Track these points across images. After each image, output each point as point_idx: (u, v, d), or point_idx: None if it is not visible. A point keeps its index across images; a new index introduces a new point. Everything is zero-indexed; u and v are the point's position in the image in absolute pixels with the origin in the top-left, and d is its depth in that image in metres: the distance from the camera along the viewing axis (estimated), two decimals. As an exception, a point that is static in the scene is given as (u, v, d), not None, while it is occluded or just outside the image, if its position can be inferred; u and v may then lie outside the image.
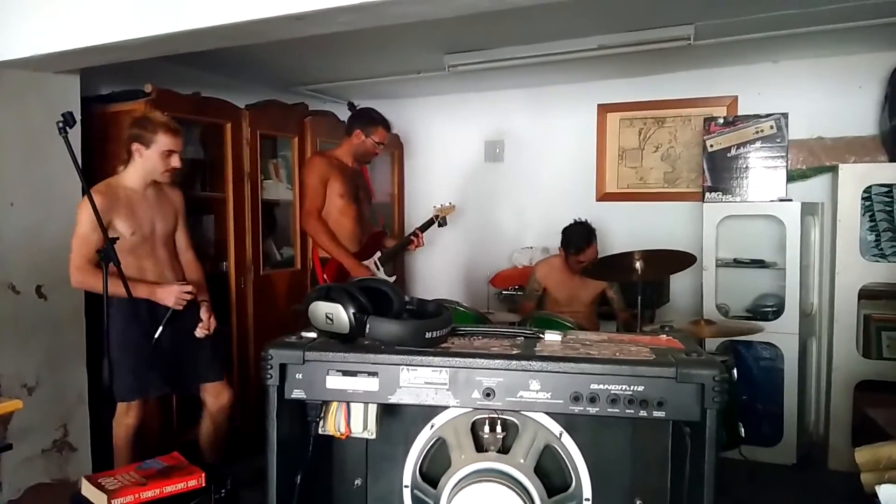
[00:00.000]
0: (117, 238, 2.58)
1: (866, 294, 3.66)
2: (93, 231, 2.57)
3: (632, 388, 1.29)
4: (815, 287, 3.94)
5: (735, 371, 3.19)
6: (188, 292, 2.73)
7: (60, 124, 2.40)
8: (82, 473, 2.75)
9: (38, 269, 2.97)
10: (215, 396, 2.91)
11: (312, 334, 1.46)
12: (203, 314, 2.86)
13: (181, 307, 2.72)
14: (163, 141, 2.70)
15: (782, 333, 3.68)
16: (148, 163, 2.72)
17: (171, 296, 2.69)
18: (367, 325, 1.36)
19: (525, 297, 3.96)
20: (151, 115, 2.84)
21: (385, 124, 3.60)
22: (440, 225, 3.97)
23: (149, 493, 2.04)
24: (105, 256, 2.55)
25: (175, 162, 2.75)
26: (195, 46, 2.67)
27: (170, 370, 2.79)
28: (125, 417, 2.74)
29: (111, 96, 3.45)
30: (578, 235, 3.73)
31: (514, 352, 1.39)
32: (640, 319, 3.33)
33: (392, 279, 3.79)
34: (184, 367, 2.83)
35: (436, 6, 2.22)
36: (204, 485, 2.14)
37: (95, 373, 3.08)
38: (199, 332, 2.84)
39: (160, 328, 2.69)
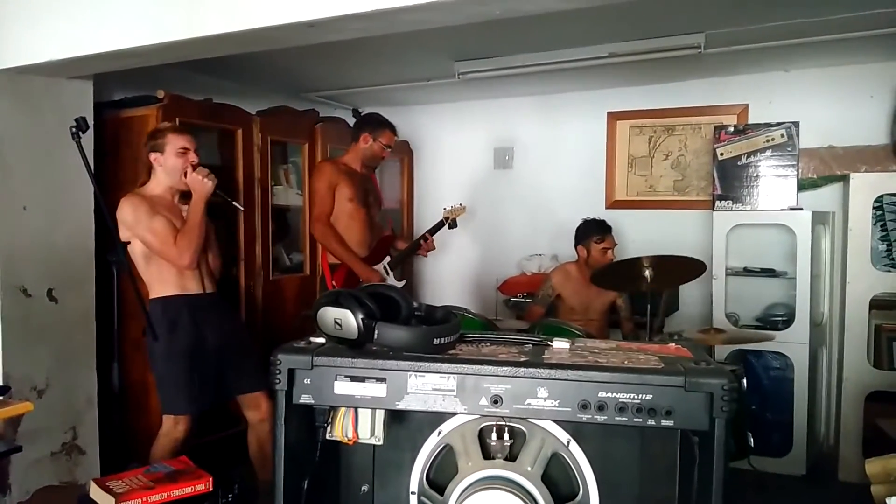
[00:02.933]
0: (128, 242, 2.61)
1: (877, 304, 3.64)
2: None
3: (640, 396, 1.28)
4: (825, 297, 3.92)
5: (745, 380, 3.17)
6: None
7: (73, 129, 2.42)
8: (91, 476, 2.74)
9: (50, 272, 2.99)
10: (255, 407, 2.89)
11: (321, 340, 1.46)
12: None
13: None
14: (174, 141, 2.75)
15: (792, 343, 3.66)
16: (167, 166, 2.76)
17: None
18: (376, 331, 1.37)
19: (536, 302, 3.93)
20: (159, 126, 2.93)
21: (391, 127, 3.62)
22: (451, 227, 3.96)
23: (156, 497, 2.04)
24: (117, 262, 2.57)
25: (192, 158, 2.77)
26: (208, 53, 2.69)
27: (217, 380, 2.81)
28: (174, 431, 2.74)
29: (124, 102, 3.48)
30: (599, 223, 3.77)
31: (522, 359, 1.38)
32: (650, 328, 3.32)
33: (402, 284, 3.80)
34: (227, 376, 2.84)
35: (446, 14, 2.23)
36: (211, 489, 2.14)
37: (105, 376, 3.09)
38: None
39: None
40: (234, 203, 3.06)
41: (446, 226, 3.92)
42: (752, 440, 3.10)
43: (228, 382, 2.85)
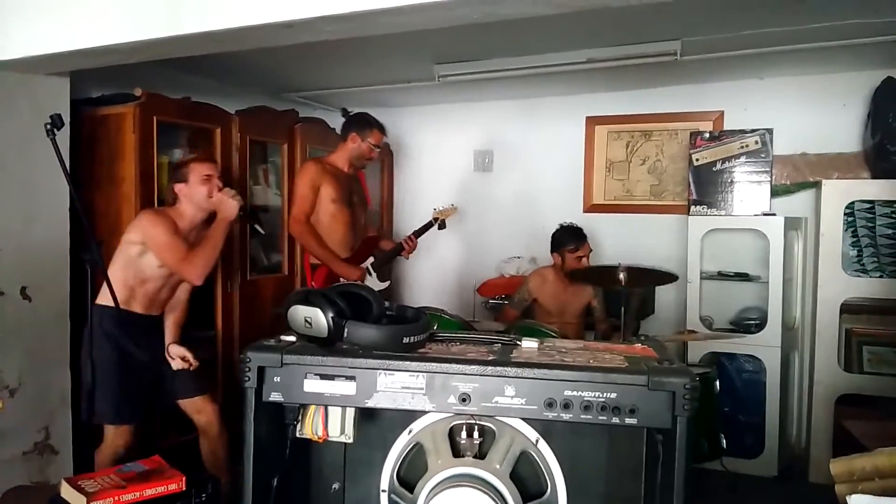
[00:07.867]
0: (102, 241, 2.60)
1: (848, 308, 3.71)
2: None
3: (605, 394, 1.30)
4: (797, 301, 3.98)
5: (718, 383, 3.22)
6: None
7: (48, 126, 2.40)
8: (63, 476, 2.73)
9: (24, 270, 2.96)
10: (197, 412, 2.91)
11: (291, 338, 1.47)
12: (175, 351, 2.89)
13: None
14: (197, 169, 2.80)
15: (765, 346, 3.72)
16: (192, 193, 2.78)
17: None
18: (346, 330, 1.38)
19: (511, 304, 3.95)
20: (182, 159, 2.98)
21: (380, 127, 3.63)
22: (440, 227, 3.95)
23: (128, 496, 2.03)
24: (91, 260, 2.55)
25: (217, 183, 2.81)
26: (185, 52, 2.68)
27: (151, 391, 2.82)
28: (116, 439, 2.73)
29: (101, 99, 3.46)
30: (574, 231, 3.80)
31: (489, 358, 1.40)
32: (624, 330, 3.35)
33: (386, 285, 3.80)
34: (162, 386, 2.85)
35: (424, 17, 2.24)
36: (184, 489, 2.13)
37: (78, 375, 3.07)
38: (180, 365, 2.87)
39: None
40: (255, 226, 3.07)
41: (435, 226, 3.91)
42: (724, 442, 3.15)
43: (164, 391, 2.86)
